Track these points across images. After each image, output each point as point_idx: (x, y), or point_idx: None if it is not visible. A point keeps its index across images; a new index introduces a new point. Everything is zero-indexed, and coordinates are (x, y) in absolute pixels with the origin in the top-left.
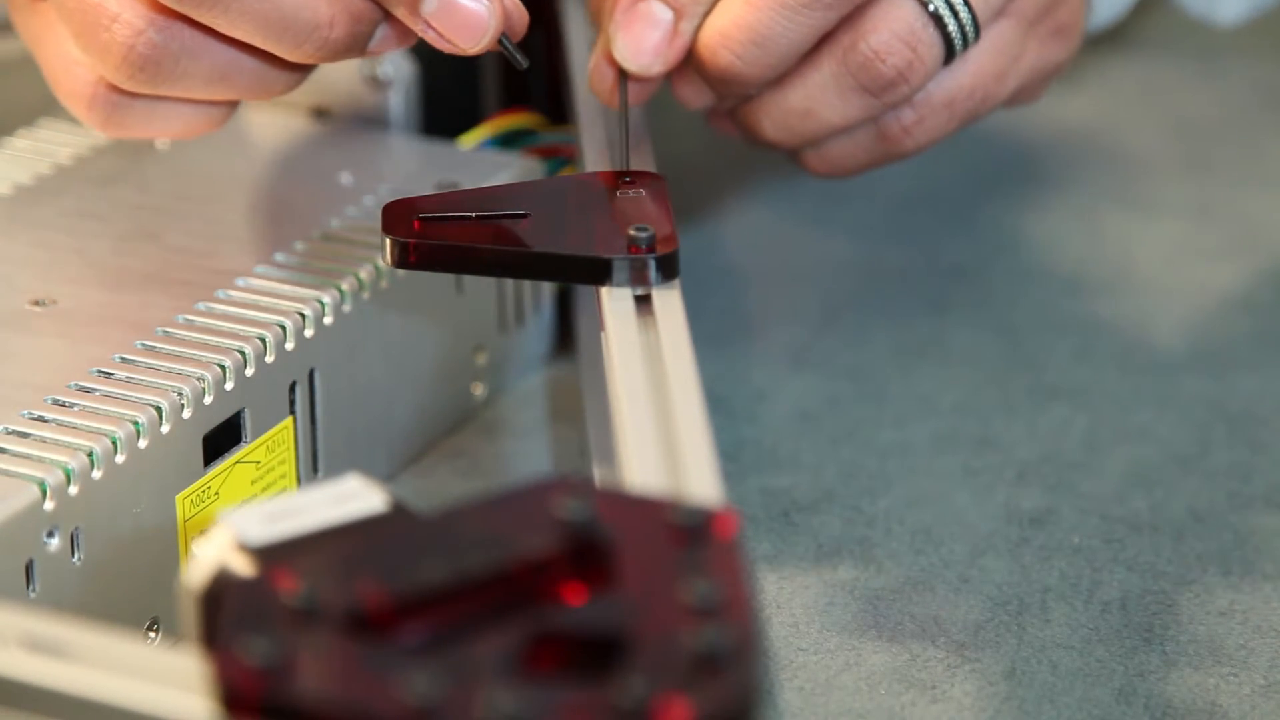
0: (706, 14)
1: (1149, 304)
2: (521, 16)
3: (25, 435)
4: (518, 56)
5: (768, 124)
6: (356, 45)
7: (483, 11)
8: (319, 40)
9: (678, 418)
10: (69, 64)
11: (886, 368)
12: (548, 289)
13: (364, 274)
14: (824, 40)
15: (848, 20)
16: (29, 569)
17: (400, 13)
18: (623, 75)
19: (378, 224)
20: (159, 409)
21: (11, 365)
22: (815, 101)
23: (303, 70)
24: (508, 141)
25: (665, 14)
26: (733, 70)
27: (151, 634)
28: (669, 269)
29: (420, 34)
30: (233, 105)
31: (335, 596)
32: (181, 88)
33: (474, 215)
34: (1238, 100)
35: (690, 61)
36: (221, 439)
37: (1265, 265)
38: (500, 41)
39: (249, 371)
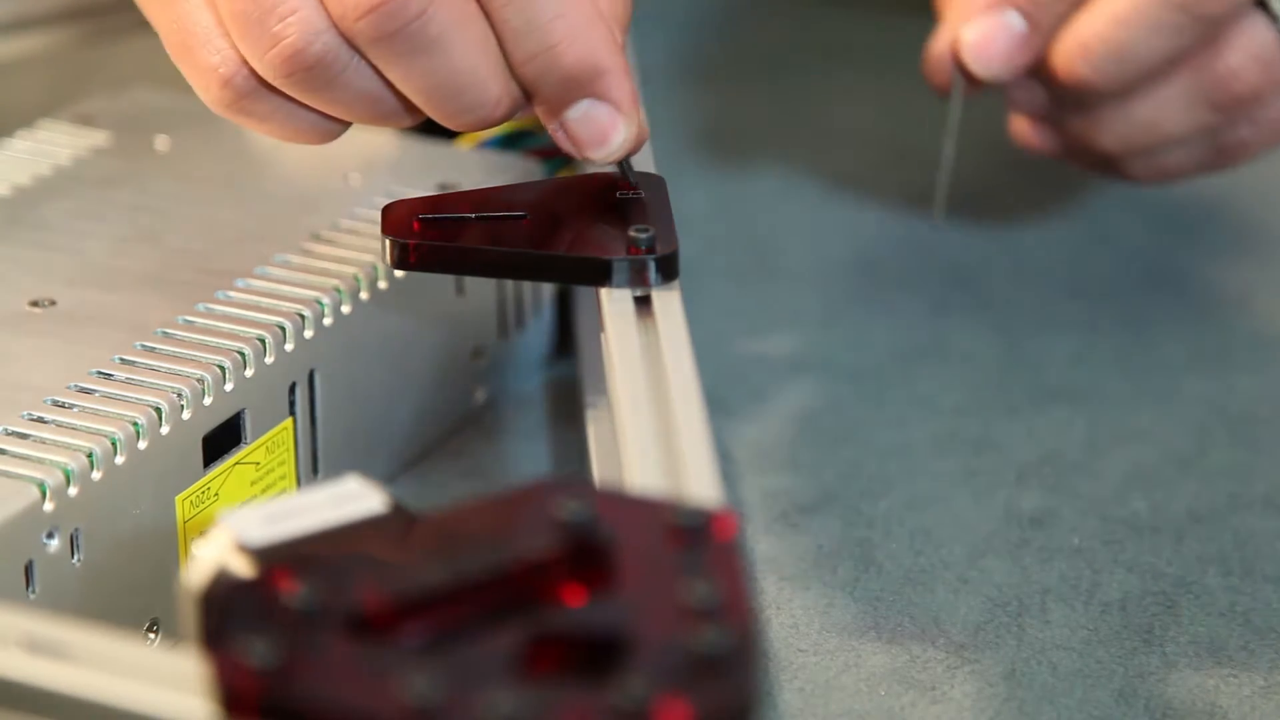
0: (1058, 26)
1: (1149, 304)
2: (643, 135)
3: (25, 436)
4: (631, 177)
5: (1106, 135)
6: (501, 121)
7: (619, 132)
8: (480, 116)
9: (678, 418)
10: (212, 35)
11: (886, 368)
12: (548, 290)
13: (364, 275)
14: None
15: (1205, 38)
16: (29, 570)
17: (541, 110)
18: (957, 69)
19: (378, 225)
20: (158, 410)
21: (11, 366)
22: (1161, 114)
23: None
24: (508, 142)
25: (1019, 24)
26: (1087, 83)
27: (151, 635)
28: (669, 270)
29: (550, 132)
30: (347, 125)
31: (335, 597)
32: (326, 99)
33: (474, 216)
34: None
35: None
36: (221, 440)
37: (1265, 265)
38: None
39: (248, 372)
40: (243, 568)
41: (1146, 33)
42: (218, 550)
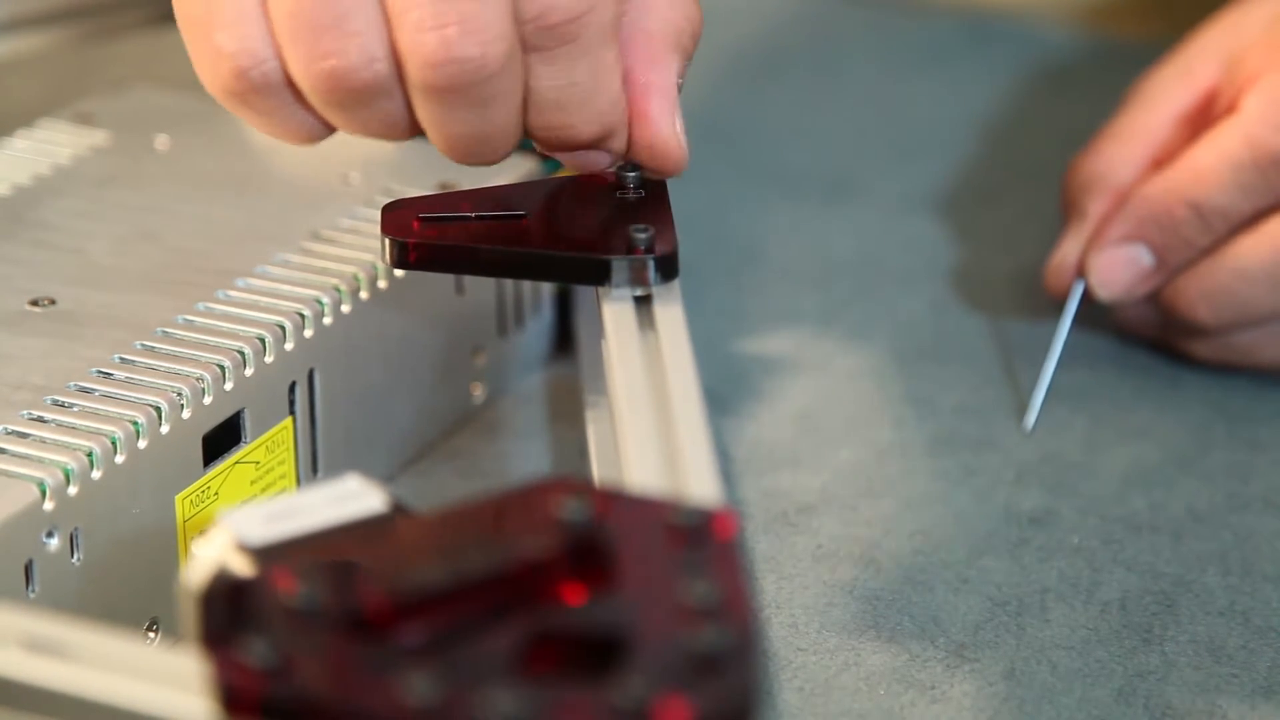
0: (1184, 266)
1: None
2: (682, 159)
3: (25, 435)
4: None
5: (1207, 353)
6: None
7: (601, 165)
8: (484, 162)
9: (678, 418)
10: (242, 20)
11: (886, 368)
12: (547, 289)
13: (364, 274)
14: None
15: None
16: (29, 569)
17: (539, 145)
18: (1077, 284)
19: (377, 224)
20: (158, 409)
21: (11, 365)
22: (1261, 341)
23: None
24: None
25: (1147, 260)
26: (1203, 324)
27: (151, 634)
28: (668, 269)
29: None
30: (334, 130)
31: (335, 596)
32: (345, 117)
33: (474, 215)
34: None
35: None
36: (221, 439)
37: None
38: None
39: (248, 371)
40: (243, 567)
41: (1270, 289)
42: (217, 550)
